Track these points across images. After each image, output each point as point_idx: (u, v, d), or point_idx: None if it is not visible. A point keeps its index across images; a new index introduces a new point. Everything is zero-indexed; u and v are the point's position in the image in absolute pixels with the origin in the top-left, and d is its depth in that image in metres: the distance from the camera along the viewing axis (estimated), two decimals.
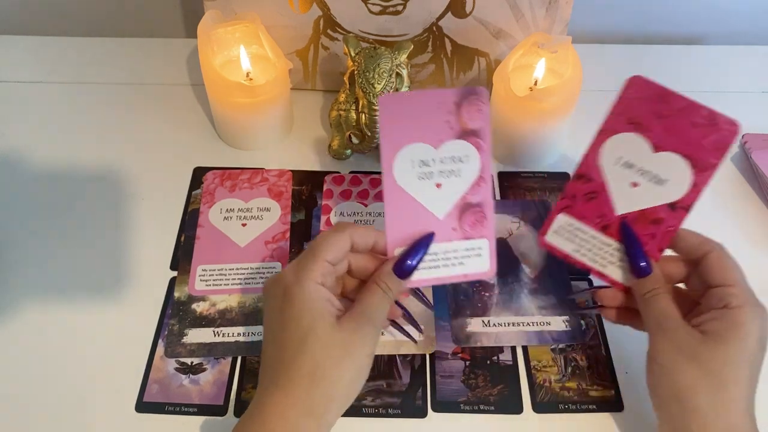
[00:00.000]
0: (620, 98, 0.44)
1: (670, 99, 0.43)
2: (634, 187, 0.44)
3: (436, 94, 0.43)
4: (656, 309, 0.43)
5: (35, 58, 0.73)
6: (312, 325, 0.40)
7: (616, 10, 0.78)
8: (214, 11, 0.61)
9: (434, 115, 0.43)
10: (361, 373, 0.41)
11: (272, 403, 0.40)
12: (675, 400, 0.40)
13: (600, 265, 0.46)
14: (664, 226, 0.44)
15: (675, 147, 0.43)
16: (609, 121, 0.44)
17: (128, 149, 0.64)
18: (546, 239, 0.47)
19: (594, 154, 0.45)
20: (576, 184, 0.45)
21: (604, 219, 0.45)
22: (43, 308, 0.53)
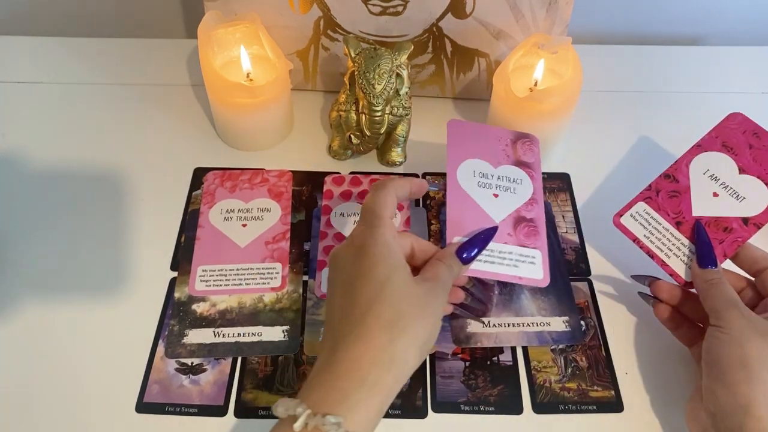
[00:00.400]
0: (720, 125, 0.52)
1: (763, 136, 0.51)
2: (714, 196, 0.50)
3: (496, 130, 0.55)
4: (725, 292, 0.45)
5: (35, 58, 0.73)
6: (390, 275, 0.40)
7: (616, 10, 0.78)
8: (214, 12, 0.61)
9: (494, 144, 0.54)
10: (435, 329, 0.41)
11: (346, 354, 0.38)
12: (743, 368, 0.41)
13: (665, 255, 0.50)
14: (734, 236, 0.49)
15: (758, 173, 0.50)
16: (706, 139, 0.52)
17: (128, 149, 0.64)
18: (621, 220, 0.52)
19: (686, 161, 0.52)
20: (662, 182, 0.52)
21: (680, 216, 0.50)
22: (43, 308, 0.53)
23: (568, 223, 0.60)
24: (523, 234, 0.50)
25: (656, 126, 0.68)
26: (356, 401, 0.37)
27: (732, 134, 0.52)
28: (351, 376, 0.37)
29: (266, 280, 0.55)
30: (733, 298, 0.45)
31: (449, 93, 0.69)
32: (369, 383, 0.37)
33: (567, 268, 0.56)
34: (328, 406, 0.36)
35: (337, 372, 0.38)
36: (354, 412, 0.36)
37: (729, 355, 0.42)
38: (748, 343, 0.42)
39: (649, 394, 0.50)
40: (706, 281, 0.46)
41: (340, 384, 0.37)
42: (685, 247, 0.49)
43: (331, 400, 0.37)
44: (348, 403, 0.37)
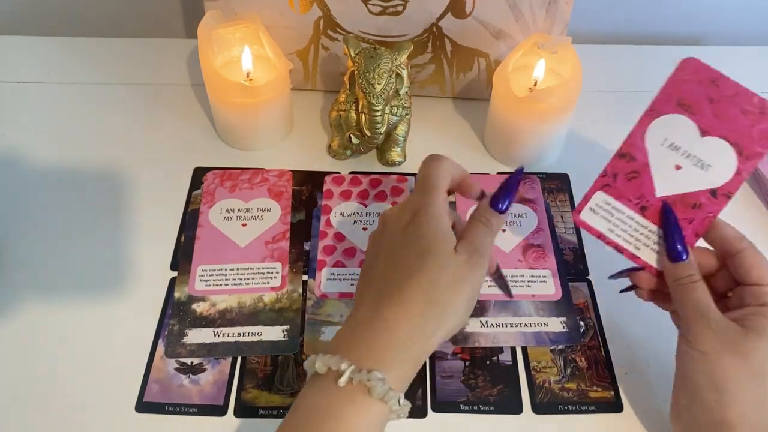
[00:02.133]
0: (671, 79, 0.44)
1: (722, 84, 0.43)
2: (677, 169, 0.44)
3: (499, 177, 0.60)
4: (694, 297, 0.42)
5: (35, 58, 0.73)
6: (431, 246, 0.41)
7: (616, 10, 0.78)
8: (214, 11, 0.61)
9: None
10: (472, 301, 0.41)
11: (383, 316, 0.39)
12: (714, 389, 0.40)
13: (634, 247, 0.45)
14: (704, 212, 0.44)
15: (723, 133, 0.43)
16: (658, 101, 0.44)
17: (128, 149, 0.64)
18: (580, 217, 0.46)
19: (640, 133, 0.44)
20: (618, 163, 0.45)
21: (644, 200, 0.44)
22: (43, 308, 0.53)
23: (566, 224, 0.60)
24: (532, 258, 0.56)
25: None
26: (396, 362, 0.38)
27: (687, 88, 0.43)
28: (390, 337, 0.38)
29: (266, 280, 0.55)
30: (702, 306, 0.42)
31: (449, 93, 0.69)
32: (408, 346, 0.39)
33: (565, 269, 0.56)
34: (372, 362, 0.37)
35: (377, 330, 0.39)
36: (395, 372, 0.38)
37: (700, 374, 0.41)
38: (718, 363, 0.40)
39: (649, 394, 0.50)
40: (676, 281, 0.43)
41: (381, 342, 0.38)
42: (654, 234, 0.45)
43: (373, 357, 0.38)
44: (388, 361, 0.38)
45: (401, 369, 0.38)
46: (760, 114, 0.42)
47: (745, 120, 0.42)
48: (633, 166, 0.44)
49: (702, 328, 0.41)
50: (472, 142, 0.66)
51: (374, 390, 0.36)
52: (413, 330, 0.39)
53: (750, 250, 0.43)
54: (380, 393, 0.37)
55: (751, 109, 0.42)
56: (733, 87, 0.43)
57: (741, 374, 0.40)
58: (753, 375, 0.40)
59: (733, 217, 0.60)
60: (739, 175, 0.43)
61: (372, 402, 0.37)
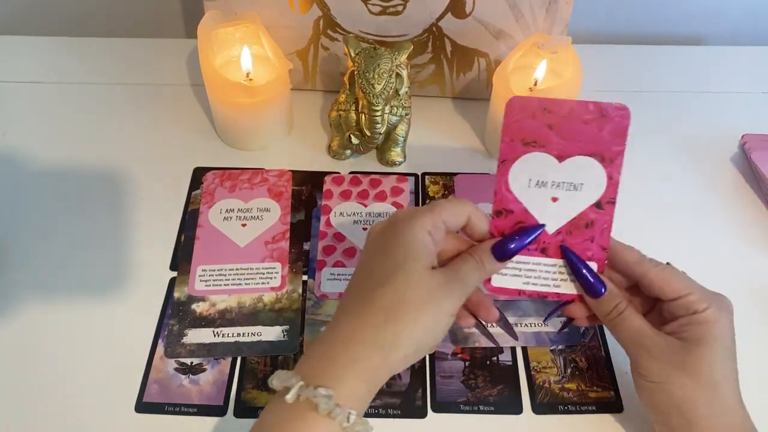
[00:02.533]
0: (505, 124, 0.43)
1: (554, 107, 0.42)
2: (555, 201, 0.44)
3: None
4: (628, 329, 0.42)
5: (35, 58, 0.73)
6: (404, 260, 0.39)
7: (616, 10, 0.78)
8: (214, 11, 0.61)
9: None
10: (438, 327, 0.40)
11: (342, 328, 0.39)
12: (676, 412, 0.41)
13: (554, 287, 0.45)
14: (599, 225, 0.44)
15: (577, 150, 0.43)
16: (503, 150, 0.43)
17: (128, 149, 0.64)
18: (493, 285, 0.45)
19: (503, 186, 0.44)
20: (499, 222, 0.44)
21: (540, 243, 0.44)
22: (43, 308, 0.53)
23: None
24: None
25: (656, 126, 0.68)
26: (347, 378, 0.37)
27: (524, 126, 0.43)
28: (342, 352, 0.38)
29: (266, 280, 0.55)
30: (638, 336, 0.42)
31: (449, 93, 0.69)
32: (359, 362, 0.37)
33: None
34: (320, 379, 0.37)
35: (332, 345, 0.38)
36: (343, 387, 0.37)
37: (659, 401, 0.41)
38: (670, 386, 0.41)
39: None
40: (606, 317, 0.43)
41: (334, 359, 0.38)
42: (564, 267, 0.44)
43: (322, 373, 0.37)
44: (338, 377, 0.37)
45: (353, 385, 0.37)
46: (601, 117, 0.42)
47: (591, 129, 0.42)
48: (514, 218, 0.44)
49: (645, 359, 0.42)
50: (472, 142, 0.66)
51: (320, 406, 0.36)
52: (367, 343, 0.38)
53: (653, 270, 0.43)
54: (325, 409, 0.36)
55: (591, 117, 0.42)
56: (565, 105, 0.42)
57: (695, 392, 0.40)
58: (705, 386, 0.40)
59: (733, 217, 0.61)
60: (612, 180, 0.43)
61: (319, 419, 0.36)
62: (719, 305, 0.42)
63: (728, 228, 0.60)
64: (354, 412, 0.36)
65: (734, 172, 0.64)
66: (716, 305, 0.41)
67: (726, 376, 0.41)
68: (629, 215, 0.60)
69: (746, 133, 0.65)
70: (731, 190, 0.63)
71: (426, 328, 0.39)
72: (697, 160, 0.65)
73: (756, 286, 0.56)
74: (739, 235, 0.59)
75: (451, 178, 0.62)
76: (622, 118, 0.42)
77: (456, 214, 0.42)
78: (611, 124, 0.42)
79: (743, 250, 0.58)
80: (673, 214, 0.61)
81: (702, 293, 0.42)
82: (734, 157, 0.65)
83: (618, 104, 0.42)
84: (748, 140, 0.64)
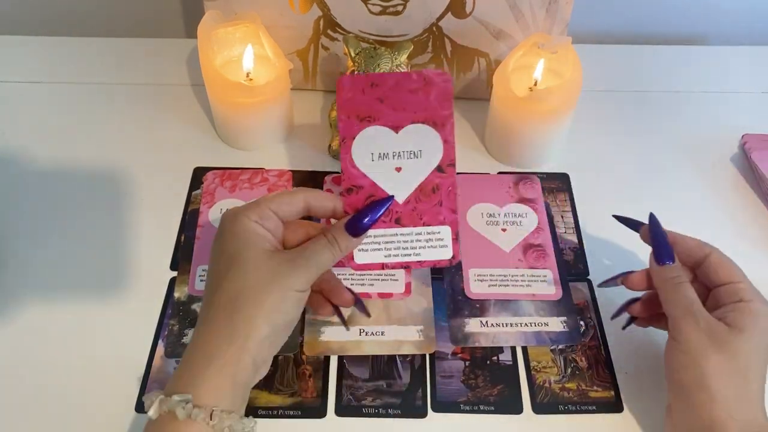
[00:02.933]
0: (339, 103, 0.45)
1: (380, 81, 0.44)
2: (399, 171, 0.45)
3: (499, 177, 0.62)
4: (684, 295, 0.43)
5: (35, 58, 0.73)
6: (239, 251, 0.41)
7: (616, 10, 0.78)
8: (214, 11, 0.61)
9: (498, 188, 0.61)
10: (288, 304, 0.41)
11: (198, 334, 0.40)
12: (702, 389, 0.41)
13: (415, 256, 0.46)
14: (444, 189, 0.45)
15: (410, 119, 0.45)
16: (342, 128, 0.45)
17: (128, 149, 0.64)
18: (357, 262, 0.46)
19: (348, 163, 0.45)
20: (350, 199, 0.45)
21: (393, 213, 0.45)
22: (43, 308, 0.53)
23: (566, 224, 0.60)
24: (532, 258, 0.56)
25: (656, 126, 0.68)
26: (205, 377, 0.38)
27: (356, 102, 0.44)
28: (199, 356, 0.39)
29: None
30: (690, 304, 0.43)
31: None
32: (215, 358, 0.39)
33: (565, 269, 0.56)
34: (179, 386, 0.38)
35: (191, 352, 0.40)
36: (204, 387, 0.38)
37: (687, 374, 0.42)
38: (704, 361, 0.41)
39: (649, 394, 0.50)
40: (666, 281, 0.44)
41: (191, 363, 0.39)
42: (421, 234, 0.45)
43: (182, 383, 0.38)
44: (197, 380, 0.38)
45: (214, 383, 0.38)
46: (426, 84, 0.44)
47: (419, 97, 0.44)
48: (365, 192, 0.45)
49: (690, 327, 0.42)
50: (472, 142, 0.66)
51: (177, 412, 0.37)
52: (220, 339, 0.39)
53: (716, 253, 0.45)
54: (184, 414, 0.37)
55: (417, 86, 0.44)
56: (390, 78, 0.44)
57: (726, 372, 0.41)
58: (737, 372, 0.41)
59: (733, 217, 0.61)
60: (448, 143, 0.45)
61: (182, 425, 0.37)
62: (764, 302, 0.43)
63: (728, 228, 0.60)
64: (218, 408, 0.37)
65: (734, 172, 0.64)
66: (762, 301, 0.43)
67: (758, 372, 0.41)
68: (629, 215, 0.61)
69: (746, 133, 0.65)
70: (731, 190, 0.63)
71: (275, 306, 0.40)
72: (697, 160, 0.65)
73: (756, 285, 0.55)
74: (739, 235, 0.59)
75: None
76: (446, 82, 0.44)
77: (285, 202, 0.43)
78: (436, 90, 0.44)
79: (743, 250, 0.58)
80: (673, 214, 0.60)
81: (752, 288, 0.44)
82: (734, 157, 0.65)
83: (439, 71, 0.45)
84: (748, 140, 0.64)
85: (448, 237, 0.46)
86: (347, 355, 0.51)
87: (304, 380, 0.50)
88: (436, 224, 0.45)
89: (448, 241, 0.46)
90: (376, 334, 0.52)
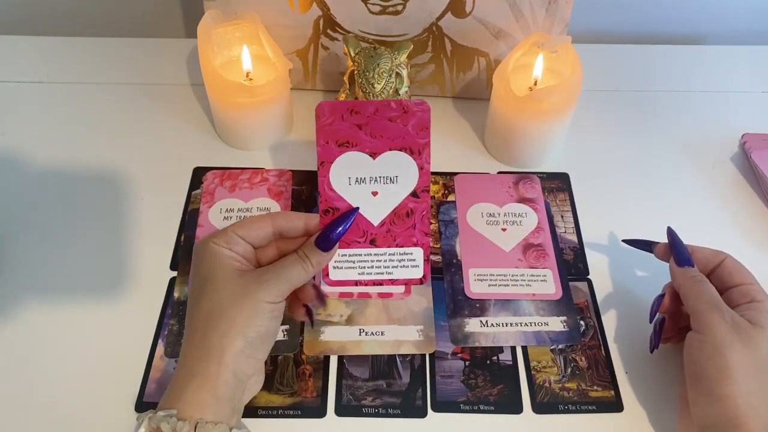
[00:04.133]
0: (318, 128, 0.46)
1: (360, 108, 0.46)
2: (375, 195, 0.47)
3: (499, 177, 0.62)
4: (707, 291, 0.45)
5: (35, 58, 0.73)
6: (209, 274, 0.43)
7: (616, 10, 0.78)
8: (214, 11, 0.61)
9: (498, 188, 0.61)
10: (261, 316, 0.42)
11: (182, 354, 0.42)
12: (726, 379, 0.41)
13: (387, 275, 0.48)
14: (418, 213, 0.47)
15: (387, 146, 0.46)
16: (320, 153, 0.46)
17: (128, 149, 0.64)
18: (331, 278, 0.48)
19: (326, 186, 0.47)
20: (327, 219, 0.46)
21: (369, 234, 0.47)
22: (43, 308, 0.53)
23: (566, 223, 0.60)
24: (532, 258, 0.56)
25: (656, 126, 0.68)
26: (187, 391, 0.40)
27: (335, 128, 0.46)
28: (182, 374, 0.41)
29: None
30: (715, 298, 0.44)
31: (449, 92, 0.69)
32: (196, 374, 0.41)
33: (566, 268, 0.56)
34: (168, 403, 0.40)
35: (176, 373, 0.42)
36: (188, 402, 0.40)
37: (712, 365, 0.42)
38: (729, 352, 0.41)
39: (649, 394, 0.50)
40: (688, 279, 0.46)
41: (176, 381, 0.41)
42: (394, 255, 0.47)
43: (170, 398, 0.41)
44: (179, 395, 0.40)
45: (195, 398, 0.40)
46: (404, 113, 0.46)
47: (396, 126, 0.46)
48: (337, 213, 0.47)
49: (716, 318, 0.43)
50: (472, 142, 0.66)
51: (162, 427, 0.38)
52: (198, 357, 0.41)
53: (729, 259, 0.47)
54: (169, 428, 0.39)
55: (395, 114, 0.46)
56: (370, 105, 0.46)
57: (749, 365, 0.41)
58: (759, 366, 0.41)
59: (733, 217, 0.61)
60: (423, 170, 0.47)
61: None
62: None
63: (728, 227, 0.60)
64: (202, 420, 0.39)
65: (734, 172, 0.64)
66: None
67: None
68: (629, 215, 0.61)
69: (746, 132, 0.65)
70: (731, 190, 0.63)
71: (247, 320, 0.42)
72: (697, 160, 0.65)
73: None
74: (739, 235, 0.59)
75: (451, 177, 0.62)
76: (424, 112, 0.46)
77: (253, 227, 0.45)
78: (414, 119, 0.46)
79: (743, 249, 0.58)
80: (674, 214, 0.61)
81: (761, 289, 0.46)
82: (734, 156, 0.65)
83: (418, 101, 0.46)
84: (748, 140, 0.64)
85: (420, 258, 0.48)
86: (347, 354, 0.51)
87: (304, 380, 0.50)
88: (410, 245, 0.48)
89: (420, 262, 0.48)
90: (376, 334, 0.52)
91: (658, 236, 0.51)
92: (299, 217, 0.46)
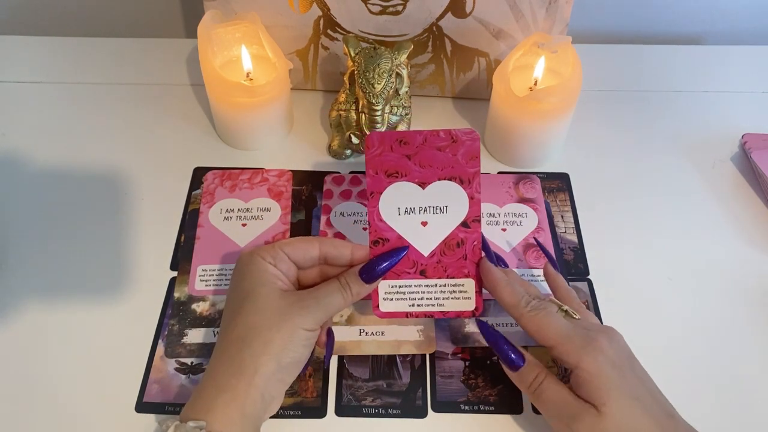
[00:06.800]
0: (367, 159, 0.46)
1: (409, 138, 0.46)
2: (425, 226, 0.46)
3: (499, 177, 0.62)
4: (550, 399, 0.43)
5: (35, 58, 0.73)
6: (252, 289, 0.43)
7: (616, 10, 0.78)
8: (214, 11, 0.61)
9: (498, 188, 0.61)
10: (296, 342, 0.42)
11: (212, 366, 0.42)
12: None
13: (439, 306, 0.47)
14: (469, 243, 0.46)
15: (436, 176, 0.46)
16: (370, 184, 0.46)
17: (128, 149, 0.64)
18: (381, 310, 0.47)
19: (375, 217, 0.46)
20: (377, 250, 0.46)
21: (419, 266, 0.47)
22: (43, 308, 0.53)
23: (567, 223, 0.60)
24: (532, 258, 0.57)
25: (656, 126, 0.68)
26: (216, 406, 0.40)
27: (384, 159, 0.46)
28: (211, 387, 0.41)
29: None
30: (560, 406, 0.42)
31: (449, 92, 0.69)
32: (225, 390, 0.40)
33: (566, 269, 0.56)
34: (194, 414, 0.40)
35: (204, 382, 0.41)
36: (216, 416, 0.39)
37: None
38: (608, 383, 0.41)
39: None
40: (528, 389, 0.44)
41: (204, 393, 0.41)
42: (445, 286, 0.47)
43: (197, 409, 0.40)
44: (209, 409, 0.39)
45: (225, 411, 0.39)
46: (453, 143, 0.45)
47: (446, 155, 0.45)
48: (390, 245, 0.46)
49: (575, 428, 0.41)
50: None
51: None
52: (229, 373, 0.40)
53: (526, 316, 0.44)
54: None
55: (444, 143, 0.45)
56: (419, 136, 0.45)
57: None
58: None
59: (733, 217, 0.61)
60: (474, 200, 0.46)
61: None
62: (594, 348, 0.42)
63: (728, 228, 0.60)
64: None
65: (734, 172, 0.64)
66: (590, 353, 0.42)
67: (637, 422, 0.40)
68: (629, 215, 0.61)
69: (747, 132, 0.65)
70: (731, 190, 0.63)
71: (282, 344, 0.41)
72: (697, 160, 0.65)
73: (756, 285, 0.56)
74: (739, 235, 0.59)
75: None
76: (473, 141, 0.45)
77: (299, 248, 0.45)
78: (463, 149, 0.45)
79: (743, 250, 0.58)
80: (673, 214, 0.61)
81: (573, 340, 0.42)
82: (734, 156, 0.65)
83: (467, 129, 0.45)
84: (749, 140, 0.64)
85: (471, 289, 0.47)
86: (347, 355, 0.51)
87: (304, 380, 0.50)
88: (461, 277, 0.47)
89: (472, 294, 0.47)
90: (376, 334, 0.52)
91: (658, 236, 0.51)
92: (346, 246, 0.45)
